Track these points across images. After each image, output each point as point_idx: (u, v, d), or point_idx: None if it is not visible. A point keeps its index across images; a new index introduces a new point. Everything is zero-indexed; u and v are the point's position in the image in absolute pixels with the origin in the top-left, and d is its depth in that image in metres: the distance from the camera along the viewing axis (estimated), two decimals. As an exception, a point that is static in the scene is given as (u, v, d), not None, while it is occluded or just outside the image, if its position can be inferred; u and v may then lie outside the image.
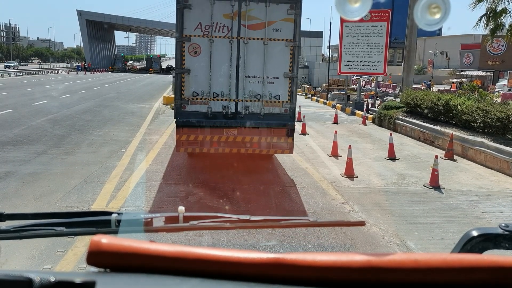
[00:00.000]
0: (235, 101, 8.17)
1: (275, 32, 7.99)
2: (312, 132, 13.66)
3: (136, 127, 13.55)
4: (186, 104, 8.08)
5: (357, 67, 20.93)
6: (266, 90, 8.14)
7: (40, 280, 0.63)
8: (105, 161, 8.90)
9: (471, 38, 52.07)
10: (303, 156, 10.01)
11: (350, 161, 8.34)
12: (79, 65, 76.56)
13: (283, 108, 8.19)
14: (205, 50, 7.98)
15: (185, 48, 7.95)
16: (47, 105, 18.46)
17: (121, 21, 72.53)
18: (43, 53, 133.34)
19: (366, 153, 10.71)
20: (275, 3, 7.90)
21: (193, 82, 8.07)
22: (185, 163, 9.00)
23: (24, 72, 52.63)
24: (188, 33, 7.88)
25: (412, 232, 5.67)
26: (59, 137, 11.25)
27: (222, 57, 8.05)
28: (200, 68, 8.06)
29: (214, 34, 7.90)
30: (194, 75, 8.05)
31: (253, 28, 7.99)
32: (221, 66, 8.13)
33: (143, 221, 1.06)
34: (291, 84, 8.15)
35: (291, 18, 7.94)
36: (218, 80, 8.11)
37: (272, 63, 8.09)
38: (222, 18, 7.90)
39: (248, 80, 8.13)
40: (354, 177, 8.24)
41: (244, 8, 7.87)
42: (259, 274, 0.69)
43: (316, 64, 38.14)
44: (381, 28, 20.10)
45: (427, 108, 12.73)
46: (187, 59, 8.00)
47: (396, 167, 9.30)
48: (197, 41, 7.94)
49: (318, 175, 8.38)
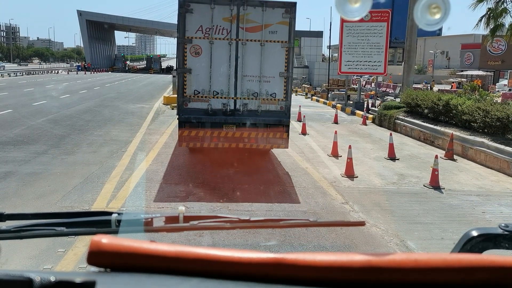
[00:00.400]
0: (234, 98, 8.62)
1: (271, 34, 8.46)
2: (312, 132, 13.66)
3: (136, 127, 13.56)
4: (188, 101, 8.54)
5: (357, 67, 20.92)
6: (263, 89, 8.60)
7: (40, 280, 0.63)
8: (105, 161, 8.90)
9: (471, 38, 52.03)
10: (303, 156, 10.01)
11: (350, 161, 8.35)
12: (79, 65, 76.55)
13: (279, 106, 8.67)
14: (206, 51, 8.43)
15: (187, 49, 8.40)
16: (47, 105, 18.47)
17: (121, 21, 72.53)
18: (43, 53, 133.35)
19: (366, 153, 10.71)
20: (271, 8, 8.41)
21: (194, 81, 8.52)
22: (186, 163, 9.01)
23: (24, 72, 52.66)
24: (190, 35, 8.35)
25: (412, 232, 5.67)
26: (59, 137, 11.25)
27: (222, 57, 8.48)
28: (201, 68, 8.48)
29: (214, 36, 8.37)
30: (195, 75, 8.49)
31: (250, 31, 8.47)
32: (221, 66, 8.55)
33: (143, 221, 1.07)
34: (287, 83, 8.61)
35: (286, 21, 8.44)
36: (218, 79, 8.54)
37: (268, 63, 8.53)
38: (221, 21, 8.38)
39: (246, 79, 8.57)
40: (354, 177, 8.24)
41: (242, 12, 8.36)
42: (259, 274, 0.69)
43: (316, 64, 38.09)
44: (381, 28, 20.09)
45: (427, 108, 12.73)
46: (188, 60, 8.44)
47: (396, 167, 9.30)
48: (198, 42, 8.39)
49: (318, 175, 8.38)
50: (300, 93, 31.48)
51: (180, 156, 9.45)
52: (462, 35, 54.18)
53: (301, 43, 40.78)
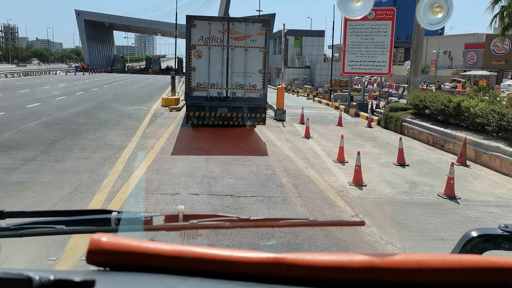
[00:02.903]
0: (226, 89, 11.91)
1: (252, 42, 11.68)
2: (316, 135, 13.11)
3: (133, 130, 13.01)
4: (193, 91, 11.87)
5: (361, 67, 20.41)
6: (247, 81, 11.88)
7: (39, 279, 0.61)
8: (97, 168, 8.36)
9: (474, 38, 51.47)
10: (308, 162, 9.47)
11: (359, 169, 7.79)
12: (78, 65, 75.94)
13: (258, 94, 11.96)
14: (205, 54, 11.71)
15: (192, 53, 11.70)
16: (41, 107, 17.91)
17: (119, 20, 72.01)
18: (42, 54, 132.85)
19: (374, 158, 10.15)
20: (252, 23, 11.83)
21: (197, 76, 11.81)
22: (183, 171, 8.45)
23: (21, 73, 52.07)
24: (194, 43, 11.66)
25: (433, 251, 5.11)
26: (50, 142, 10.71)
27: (217, 59, 11.74)
28: (202, 66, 11.77)
29: (211, 44, 11.65)
30: (198, 71, 11.77)
31: (237, 39, 11.70)
32: (216, 65, 11.76)
33: (143, 220, 1.05)
34: (264, 77, 11.92)
35: (263, 33, 11.70)
36: (214, 75, 11.78)
37: (250, 63, 11.78)
38: (216, 33, 11.64)
39: (234, 75, 11.84)
40: (363, 185, 7.70)
41: (231, 26, 11.65)
42: (259, 273, 0.68)
43: (318, 64, 37.34)
44: (386, 26, 19.56)
45: (436, 110, 12.16)
46: (193, 61, 11.74)
47: (407, 174, 8.75)
48: (200, 48, 11.69)
49: (324, 183, 7.83)
50: (302, 94, 30.79)
51: (178, 162, 8.91)
52: (465, 35, 53.53)
53: (302, 43, 40.03)
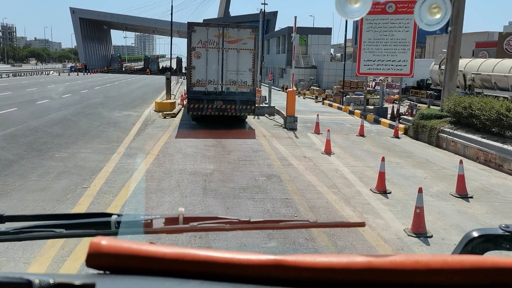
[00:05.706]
0: (221, 84, 13.68)
1: (243, 44, 13.54)
2: (337, 150, 10.80)
3: (115, 144, 10.70)
4: (193, 86, 13.64)
5: (378, 67, 18.10)
6: (239, 78, 13.68)
7: (39, 282, 0.61)
8: (54, 206, 6.06)
9: (485, 36, 49.14)
10: (338, 193, 7.15)
11: (421, 212, 5.47)
12: (72, 65, 73.54)
13: (249, 89, 13.71)
14: (204, 55, 13.57)
15: (192, 54, 13.53)
16: (14, 114, 15.57)
17: (116, 19, 69.69)
18: (40, 54, 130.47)
19: (421, 184, 7.77)
20: (243, 29, 13.83)
21: (197, 73, 13.62)
22: (172, 208, 6.14)
23: (10, 73, 49.67)
24: (194, 45, 13.50)
25: None
26: (4, 164, 8.39)
27: (213, 59, 13.55)
28: (201, 65, 13.59)
29: (208, 46, 13.51)
30: (198, 70, 13.60)
31: (231, 43, 13.53)
32: (213, 64, 13.54)
33: (143, 222, 1.02)
34: (253, 75, 13.76)
35: (253, 37, 13.60)
36: (211, 72, 13.57)
37: (241, 62, 13.59)
38: (213, 37, 13.50)
39: (228, 72, 13.63)
40: (428, 236, 5.39)
41: (226, 31, 13.52)
42: (259, 275, 0.68)
43: (325, 64, 34.91)
44: (408, 21, 17.28)
45: (489, 120, 9.85)
46: (193, 61, 13.58)
47: (477, 213, 6.43)
48: (199, 50, 13.54)
49: (372, 233, 5.51)
50: (309, 96, 28.37)
51: (166, 197, 6.60)
52: (475, 33, 51.05)
53: (308, 41, 37.61)
